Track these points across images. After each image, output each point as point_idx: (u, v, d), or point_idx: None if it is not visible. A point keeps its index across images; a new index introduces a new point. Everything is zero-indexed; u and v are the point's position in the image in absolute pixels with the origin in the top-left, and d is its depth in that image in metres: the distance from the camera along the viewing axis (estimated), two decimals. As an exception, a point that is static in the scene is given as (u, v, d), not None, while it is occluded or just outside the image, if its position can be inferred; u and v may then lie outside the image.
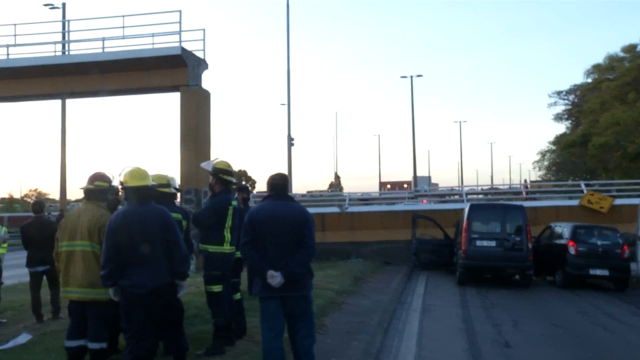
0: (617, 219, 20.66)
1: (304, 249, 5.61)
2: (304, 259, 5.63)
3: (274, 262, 5.56)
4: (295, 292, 5.64)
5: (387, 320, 10.47)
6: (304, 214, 5.77)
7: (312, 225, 5.77)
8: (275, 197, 5.83)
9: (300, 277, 5.63)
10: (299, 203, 6.10)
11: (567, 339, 9.67)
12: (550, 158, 68.30)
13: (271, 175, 5.95)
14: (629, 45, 42.07)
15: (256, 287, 5.77)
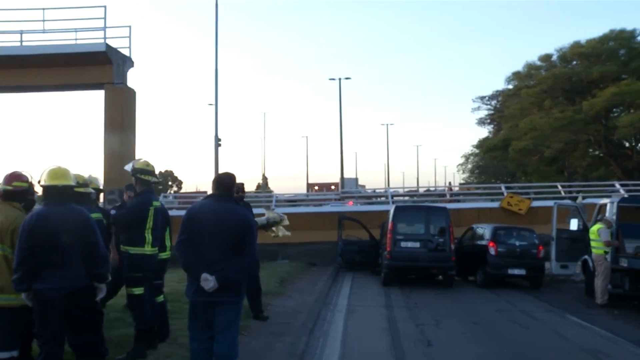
0: (534, 221, 21.48)
1: (244, 257, 5.45)
2: (242, 266, 5.46)
3: (210, 265, 5.36)
4: (228, 298, 5.46)
5: (312, 321, 10.51)
6: (246, 219, 5.60)
7: (255, 232, 5.64)
8: (219, 197, 5.62)
9: (235, 283, 5.47)
10: (245, 208, 5.95)
11: (486, 336, 9.97)
12: (474, 161, 70.45)
13: (219, 174, 5.79)
14: (545, 54, 43.86)
15: (189, 289, 5.57)
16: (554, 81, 40.88)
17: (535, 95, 41.94)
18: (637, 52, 39.39)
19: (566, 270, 16.35)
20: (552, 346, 9.32)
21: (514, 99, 46.51)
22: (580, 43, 41.12)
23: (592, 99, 36.53)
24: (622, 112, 39.19)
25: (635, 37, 40.63)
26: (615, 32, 40.55)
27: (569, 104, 40.16)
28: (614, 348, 9.23)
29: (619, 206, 14.06)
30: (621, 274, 13.29)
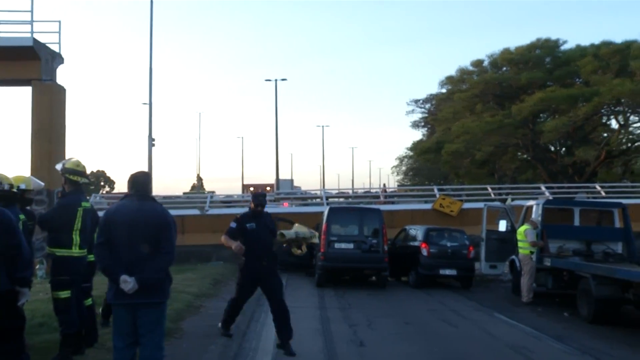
0: (465, 222, 22.00)
1: (162, 255, 5.37)
2: (161, 265, 5.37)
3: (129, 266, 5.24)
4: (150, 299, 5.34)
5: (245, 323, 10.45)
6: (164, 217, 5.49)
7: (173, 229, 5.50)
8: (135, 196, 5.50)
9: (156, 283, 5.36)
10: (161, 205, 5.86)
11: (417, 335, 10.16)
12: (408, 163, 71.61)
13: (133, 173, 5.63)
14: (477, 60, 45.04)
15: (109, 292, 5.46)
16: (485, 86, 41.98)
17: (468, 99, 42.94)
18: (561, 61, 40.93)
19: (495, 270, 16.83)
20: (480, 344, 9.59)
21: (447, 102, 47.48)
22: (509, 50, 42.39)
23: (520, 104, 37.68)
24: (548, 117, 40.61)
25: (559, 47, 42.22)
26: (541, 41, 42.02)
27: (499, 109, 41.31)
28: (537, 344, 9.57)
29: (544, 208, 14.57)
30: (545, 272, 13.79)
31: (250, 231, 8.34)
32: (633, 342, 9.95)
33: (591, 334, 10.41)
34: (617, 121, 40.33)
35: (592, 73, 36.56)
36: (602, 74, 35.93)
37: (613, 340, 9.96)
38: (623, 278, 10.84)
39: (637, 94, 33.29)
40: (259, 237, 8.33)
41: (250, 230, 8.34)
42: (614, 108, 38.01)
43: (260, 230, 8.36)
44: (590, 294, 11.51)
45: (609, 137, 38.49)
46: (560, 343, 9.61)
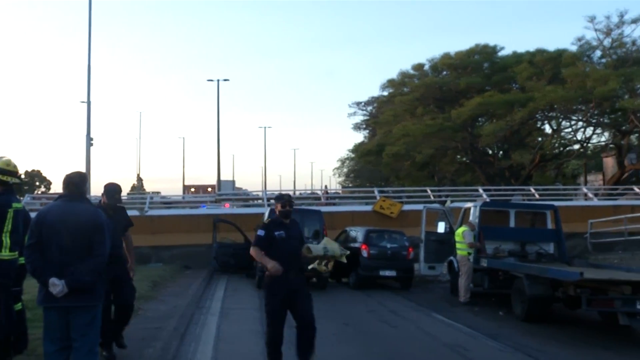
0: (405, 224, 22.31)
1: (94, 257, 5.25)
2: (93, 267, 5.24)
3: (61, 268, 5.13)
4: (82, 302, 5.23)
5: (184, 325, 10.33)
6: (96, 218, 5.39)
7: (105, 231, 5.41)
8: (68, 197, 5.39)
9: (88, 286, 5.24)
10: (95, 206, 5.74)
11: (357, 336, 10.24)
12: (349, 165, 72.11)
13: (67, 174, 5.52)
14: (418, 64, 45.73)
15: (38, 296, 5.32)
16: (425, 90, 42.62)
17: (408, 102, 43.50)
18: (498, 67, 41.98)
19: (434, 271, 17.13)
20: (418, 343, 9.74)
21: (389, 105, 47.99)
22: (449, 55, 43.21)
23: (459, 108, 38.41)
24: (486, 121, 41.58)
25: (497, 53, 43.34)
26: (480, 47, 43.01)
27: (439, 112, 42.01)
28: (473, 342, 9.78)
29: (481, 210, 14.92)
30: (482, 273, 14.12)
31: (279, 240, 7.12)
32: (562, 338, 10.29)
33: (524, 332, 10.71)
34: (550, 126, 41.68)
35: (527, 79, 37.61)
36: (537, 81, 37.01)
37: (544, 337, 10.28)
38: (553, 277, 11.20)
39: (569, 100, 34.47)
40: (289, 247, 7.18)
41: (280, 239, 7.13)
42: (548, 113, 39.22)
43: (290, 240, 7.23)
44: (523, 293, 11.85)
45: (543, 142, 39.69)
46: (495, 341, 9.85)
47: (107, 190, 7.82)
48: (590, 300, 10.29)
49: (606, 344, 9.96)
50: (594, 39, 37.52)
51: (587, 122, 38.27)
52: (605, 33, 36.71)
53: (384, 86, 49.64)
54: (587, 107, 35.86)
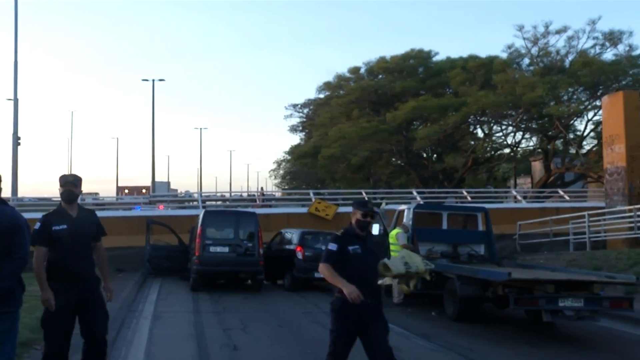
0: (340, 225, 22.13)
1: (13, 260, 5.01)
2: (12, 271, 5.00)
3: None
4: None
5: (115, 330, 10.05)
6: (15, 219, 5.10)
7: (25, 232, 5.16)
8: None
9: (5, 291, 4.96)
10: (13, 207, 5.50)
11: (291, 338, 10.25)
12: (286, 167, 72.07)
13: None
14: (354, 67, 46.12)
15: None
16: (361, 93, 43.02)
17: (344, 105, 43.82)
18: (433, 71, 42.82)
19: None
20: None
21: (325, 108, 48.23)
22: (385, 58, 43.76)
23: (394, 112, 38.94)
24: (420, 125, 42.32)
25: (431, 58, 44.18)
26: (415, 51, 43.74)
27: (375, 115, 42.46)
28: (406, 342, 9.92)
29: (414, 212, 15.16)
30: (415, 274, 14.32)
31: (354, 256, 5.83)
32: (491, 336, 10.59)
33: (455, 331, 10.95)
34: (482, 130, 42.82)
35: (460, 84, 38.48)
36: (469, 86, 37.91)
37: (474, 336, 10.54)
38: (483, 278, 11.50)
39: (499, 105, 35.49)
40: (365, 265, 5.89)
41: (354, 255, 5.83)
42: (480, 118, 40.26)
43: (367, 256, 5.93)
44: (455, 294, 12.11)
45: (475, 145, 40.67)
46: (427, 341, 10.04)
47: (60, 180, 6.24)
48: (517, 299, 10.60)
49: (531, 340, 10.31)
50: (523, 47, 38.80)
51: (517, 127, 39.48)
52: (532, 42, 38.00)
53: (320, 88, 49.88)
54: (516, 113, 37.00)
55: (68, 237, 5.70)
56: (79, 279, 5.71)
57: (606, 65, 34.89)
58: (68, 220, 5.77)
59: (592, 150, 37.24)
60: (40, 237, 5.67)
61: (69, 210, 5.87)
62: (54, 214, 5.84)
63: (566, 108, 35.61)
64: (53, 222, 5.72)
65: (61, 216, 5.80)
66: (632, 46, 36.08)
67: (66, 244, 5.69)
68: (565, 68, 36.89)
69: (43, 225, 5.71)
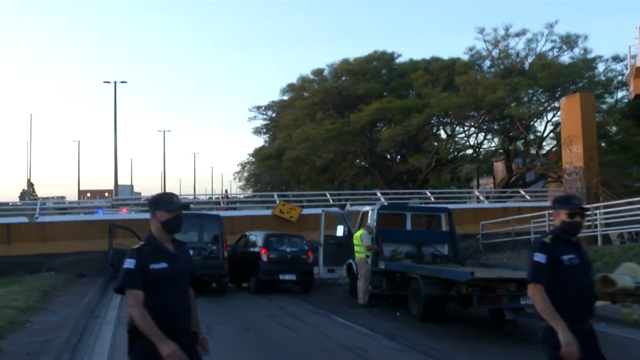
0: (305, 227, 22.48)
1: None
2: None
3: None
4: None
5: (76, 336, 9.93)
6: None
7: None
8: None
9: None
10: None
11: (257, 341, 10.21)
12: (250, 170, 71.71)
13: None
14: (318, 69, 46.17)
15: None
16: (325, 94, 43.06)
17: (308, 107, 43.80)
18: (396, 73, 43.10)
19: (333, 274, 17.35)
20: (317, 346, 9.84)
21: (289, 110, 48.13)
22: (349, 61, 43.89)
23: (358, 113, 39.06)
24: (384, 126, 42.54)
25: (394, 60, 44.48)
26: (378, 53, 43.97)
27: (339, 117, 42.54)
28: (371, 343, 10.00)
29: (378, 213, 15.26)
30: (380, 275, 14.43)
31: (570, 269, 4.44)
32: (455, 336, 10.71)
33: (420, 331, 11.06)
34: (445, 132, 43.25)
35: (423, 86, 38.80)
36: (432, 88, 38.26)
37: (438, 335, 10.65)
38: (447, 278, 11.64)
39: (462, 107, 35.91)
40: (584, 281, 4.56)
41: (570, 266, 4.44)
42: (443, 119, 40.66)
43: (585, 268, 4.58)
44: (419, 294, 12.23)
45: (438, 146, 41.05)
46: (392, 341, 10.11)
47: None
48: (481, 298, 10.76)
49: (494, 339, 10.47)
50: (484, 49, 39.35)
51: (479, 128, 40.00)
52: (493, 44, 38.58)
53: (284, 91, 49.77)
54: (478, 114, 37.47)
55: (169, 279, 4.21)
56: (178, 333, 4.19)
57: (563, 68, 35.59)
58: (167, 257, 4.25)
59: (552, 151, 37.94)
60: (137, 279, 4.10)
61: (165, 242, 4.30)
62: (148, 248, 4.25)
63: (526, 109, 36.23)
64: (150, 258, 4.18)
65: (159, 251, 4.24)
66: (587, 49, 37.03)
67: (166, 289, 4.20)
68: (525, 70, 37.52)
69: (139, 263, 4.15)
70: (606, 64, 37.11)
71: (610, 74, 36.93)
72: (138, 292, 4.04)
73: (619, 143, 34.13)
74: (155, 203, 4.28)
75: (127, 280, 4.06)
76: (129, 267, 4.09)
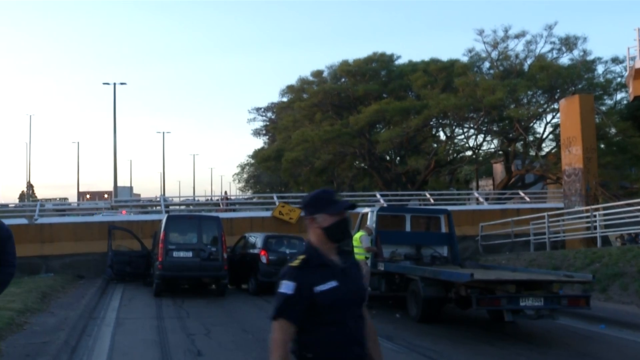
0: (304, 229, 22.30)
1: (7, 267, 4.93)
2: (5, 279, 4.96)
3: None
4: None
5: (75, 338, 9.92)
6: (6, 227, 5.12)
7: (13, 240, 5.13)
8: None
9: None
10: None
11: (255, 343, 10.19)
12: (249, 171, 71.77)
13: None
14: (317, 70, 46.25)
15: None
16: (324, 96, 43.10)
17: (307, 108, 43.83)
18: (395, 74, 43.14)
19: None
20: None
21: (288, 111, 48.17)
22: (348, 62, 43.93)
23: (357, 115, 39.10)
24: (383, 128, 42.57)
25: (393, 61, 44.53)
26: (377, 55, 44.02)
27: (338, 118, 42.59)
28: (370, 345, 9.97)
29: (377, 215, 15.25)
30: (379, 276, 14.43)
31: None
32: (454, 337, 10.72)
33: (418, 332, 11.06)
34: (444, 133, 43.25)
35: (422, 87, 38.84)
36: (431, 89, 38.30)
37: (437, 336, 10.66)
38: (446, 279, 11.64)
39: (461, 108, 35.92)
40: None
41: None
42: (442, 121, 40.68)
43: None
44: (418, 295, 12.23)
45: (437, 148, 41.03)
46: (391, 342, 10.10)
47: None
48: (480, 300, 10.76)
49: (493, 340, 10.48)
50: (483, 51, 39.40)
51: (478, 129, 40.01)
52: (492, 46, 38.63)
53: (283, 92, 49.84)
54: (477, 115, 37.49)
55: (340, 301, 3.15)
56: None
57: (562, 69, 35.62)
58: (336, 273, 3.18)
59: (551, 152, 37.97)
60: (293, 309, 3.08)
61: (330, 254, 3.25)
62: (311, 265, 3.18)
63: (525, 111, 36.25)
64: (314, 280, 3.12)
65: (324, 267, 3.18)
66: (587, 51, 37.05)
67: (337, 315, 3.14)
68: (524, 72, 37.56)
69: (300, 287, 3.08)
70: (605, 65, 37.18)
71: (610, 75, 36.99)
72: (289, 325, 3.06)
73: (617, 145, 34.15)
74: (314, 204, 3.27)
75: (282, 309, 3.07)
76: (286, 293, 3.09)
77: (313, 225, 3.23)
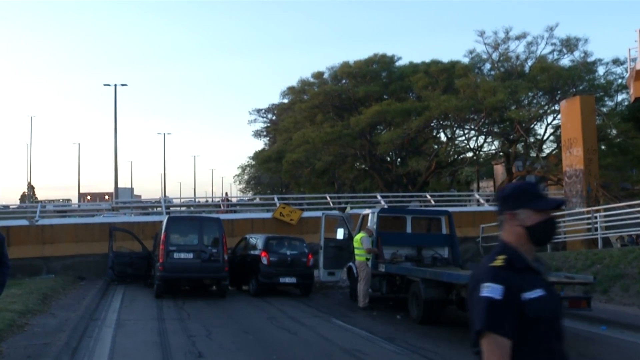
0: (305, 230, 22.48)
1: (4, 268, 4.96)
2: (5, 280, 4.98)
3: None
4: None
5: (76, 339, 9.91)
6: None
7: None
8: None
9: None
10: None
11: (256, 344, 10.19)
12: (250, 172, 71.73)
13: None
14: (318, 72, 46.23)
15: None
16: (325, 97, 43.10)
17: (308, 109, 43.85)
18: (395, 76, 43.15)
19: (333, 277, 17.34)
20: (316, 349, 9.82)
21: (288, 112, 48.18)
22: (349, 63, 43.94)
23: (358, 116, 39.09)
24: (384, 129, 42.56)
25: (394, 62, 44.52)
26: (378, 56, 44.01)
27: (338, 120, 42.58)
28: (371, 346, 9.99)
29: (378, 216, 15.26)
30: (380, 278, 14.44)
31: None
32: (454, 339, 10.72)
33: (419, 334, 11.05)
34: (445, 134, 43.23)
35: (423, 89, 38.82)
36: (432, 90, 38.26)
37: (438, 338, 10.65)
38: (447, 281, 11.63)
39: (461, 109, 35.91)
40: None
41: None
42: (443, 122, 40.64)
43: None
44: (419, 296, 12.22)
45: (438, 149, 41.05)
46: (392, 344, 10.10)
47: None
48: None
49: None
50: (484, 52, 39.37)
51: (479, 131, 39.98)
52: (493, 47, 38.60)
53: (284, 93, 49.82)
54: (478, 117, 37.47)
55: (548, 317, 2.60)
56: None
57: (563, 71, 35.60)
58: (541, 282, 2.65)
59: (552, 154, 37.94)
60: (505, 318, 2.46)
61: (531, 259, 2.69)
62: (514, 265, 2.61)
63: (526, 112, 36.21)
64: (522, 284, 2.54)
65: (529, 273, 2.63)
66: (587, 52, 36.99)
67: (544, 333, 2.57)
68: (525, 73, 37.53)
69: (509, 291, 2.49)
70: (606, 67, 37.14)
71: (610, 77, 36.94)
72: (504, 341, 2.41)
73: (618, 146, 34.13)
74: (516, 198, 2.70)
75: (492, 319, 2.42)
76: (492, 297, 2.45)
77: (513, 223, 2.67)
